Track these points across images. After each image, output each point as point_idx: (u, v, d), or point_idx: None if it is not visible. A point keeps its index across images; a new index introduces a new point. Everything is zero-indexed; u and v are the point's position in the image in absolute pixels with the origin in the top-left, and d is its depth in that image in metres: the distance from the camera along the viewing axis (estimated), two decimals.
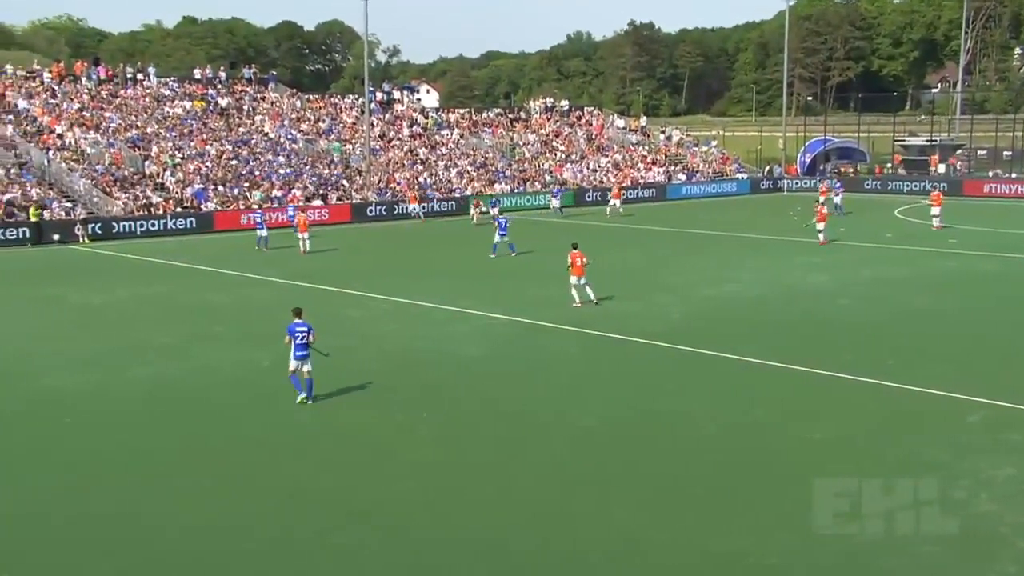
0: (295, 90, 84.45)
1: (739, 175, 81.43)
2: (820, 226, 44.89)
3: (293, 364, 20.69)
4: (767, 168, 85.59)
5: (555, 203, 63.27)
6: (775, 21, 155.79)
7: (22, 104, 62.84)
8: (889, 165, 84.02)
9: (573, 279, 30.20)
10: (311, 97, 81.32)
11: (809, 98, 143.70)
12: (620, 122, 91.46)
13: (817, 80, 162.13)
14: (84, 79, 68.68)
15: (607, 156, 79.47)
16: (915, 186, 73.63)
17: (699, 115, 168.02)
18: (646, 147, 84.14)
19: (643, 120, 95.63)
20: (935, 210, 50.28)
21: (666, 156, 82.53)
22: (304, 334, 20.61)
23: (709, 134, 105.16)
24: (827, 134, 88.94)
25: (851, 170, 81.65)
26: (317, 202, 59.65)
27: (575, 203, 66.29)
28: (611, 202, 62.07)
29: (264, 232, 46.43)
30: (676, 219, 58.95)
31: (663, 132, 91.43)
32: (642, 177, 76.57)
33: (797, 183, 79.11)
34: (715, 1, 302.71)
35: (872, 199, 70.52)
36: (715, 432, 18.81)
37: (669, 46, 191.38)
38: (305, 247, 44.83)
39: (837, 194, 59.85)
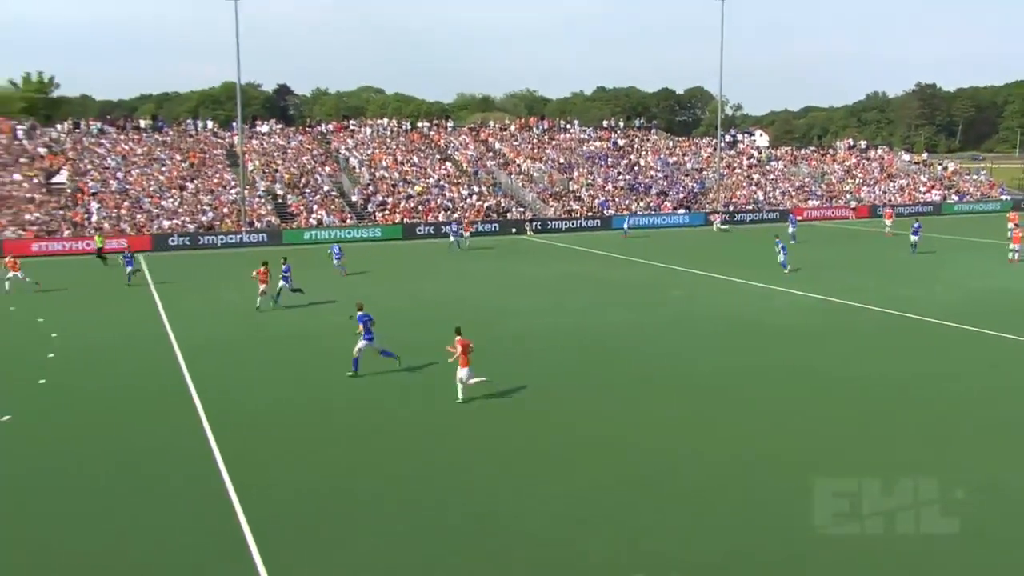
0: (669, 134, 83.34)
1: (1003, 197, 70.36)
2: (1015, 247, 36.07)
3: None
4: None
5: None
6: None
7: (497, 146, 66.85)
8: None
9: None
10: (679, 139, 79.88)
11: None
12: (906, 156, 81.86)
13: None
14: (535, 129, 71.92)
15: (895, 182, 71.60)
16: None
17: (970, 151, 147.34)
18: (925, 175, 74.82)
19: (924, 155, 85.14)
20: None
21: (942, 182, 72.97)
22: None
23: (978, 165, 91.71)
24: None
25: None
26: (681, 211, 58.64)
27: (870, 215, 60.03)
28: (886, 223, 48.44)
29: (454, 237, 43.59)
30: (948, 229, 51.72)
31: (940, 164, 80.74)
32: (922, 197, 68.44)
33: None
34: (989, 62, 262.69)
35: None
36: (978, 393, 16.45)
37: (948, 100, 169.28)
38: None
39: (915, 233, 39.43)
